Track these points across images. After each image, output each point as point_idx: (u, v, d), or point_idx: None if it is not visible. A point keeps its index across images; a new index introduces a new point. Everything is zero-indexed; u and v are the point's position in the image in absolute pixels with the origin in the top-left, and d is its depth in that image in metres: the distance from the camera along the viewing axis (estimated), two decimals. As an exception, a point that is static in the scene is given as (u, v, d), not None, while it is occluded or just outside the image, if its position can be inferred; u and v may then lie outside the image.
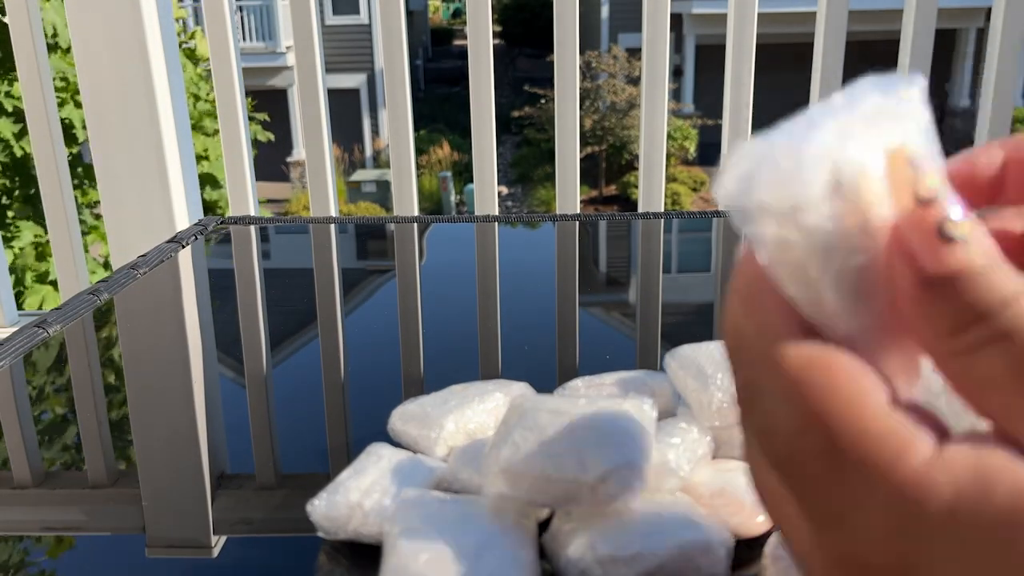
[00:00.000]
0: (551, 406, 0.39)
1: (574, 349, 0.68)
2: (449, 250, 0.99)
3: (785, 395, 0.19)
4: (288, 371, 0.67)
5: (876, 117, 0.18)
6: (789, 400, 0.18)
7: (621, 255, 1.01)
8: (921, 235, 0.18)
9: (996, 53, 1.21)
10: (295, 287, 0.90)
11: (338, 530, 0.41)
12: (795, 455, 0.18)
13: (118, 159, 1.21)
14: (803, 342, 0.19)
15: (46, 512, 0.49)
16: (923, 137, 0.19)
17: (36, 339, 0.67)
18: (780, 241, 0.19)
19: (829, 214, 0.18)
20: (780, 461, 0.19)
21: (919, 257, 0.18)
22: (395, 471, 0.43)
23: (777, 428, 0.19)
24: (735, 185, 0.19)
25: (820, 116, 0.18)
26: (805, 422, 0.18)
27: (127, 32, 1.16)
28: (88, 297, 0.75)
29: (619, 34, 11.09)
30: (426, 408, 0.49)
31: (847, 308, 0.19)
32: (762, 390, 0.19)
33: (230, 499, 0.48)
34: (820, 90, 1.27)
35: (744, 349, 0.20)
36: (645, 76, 1.28)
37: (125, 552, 0.44)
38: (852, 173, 0.18)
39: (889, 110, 0.19)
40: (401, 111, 1.27)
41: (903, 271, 0.19)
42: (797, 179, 0.18)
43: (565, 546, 0.37)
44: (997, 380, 0.17)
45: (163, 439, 0.56)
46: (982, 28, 9.68)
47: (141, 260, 0.85)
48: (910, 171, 0.18)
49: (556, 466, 0.37)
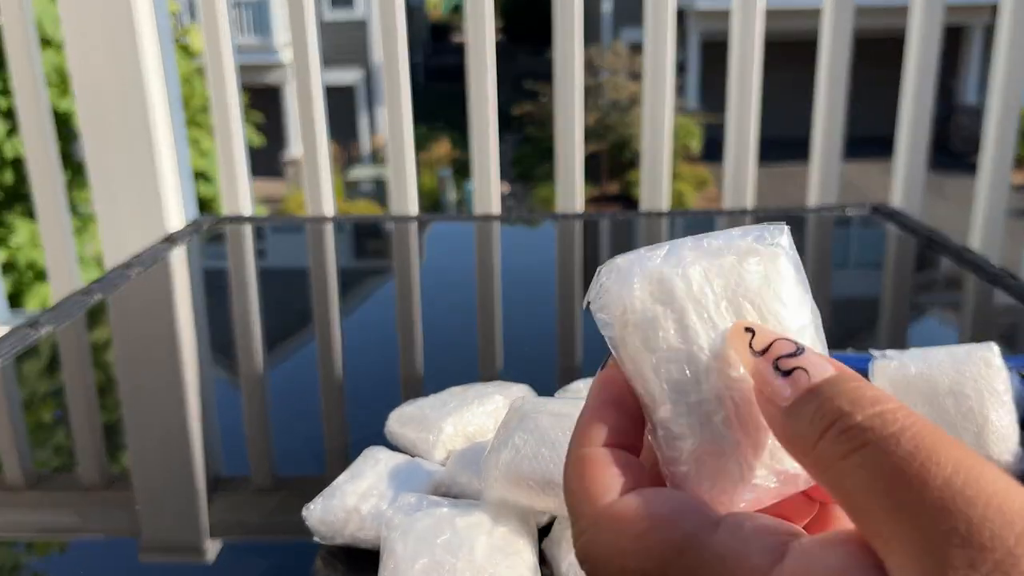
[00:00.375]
0: (552, 408, 0.38)
1: (575, 350, 0.67)
2: (448, 249, 0.99)
3: (611, 554, 0.21)
4: (284, 372, 0.67)
5: (722, 251, 0.23)
6: (615, 557, 0.21)
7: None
8: (762, 379, 0.21)
9: (1003, 50, 1.20)
10: (291, 287, 0.89)
11: (334, 535, 0.40)
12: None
13: (111, 157, 1.20)
14: (620, 499, 0.21)
15: (38, 515, 0.48)
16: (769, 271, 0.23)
17: (28, 340, 0.66)
18: (619, 340, 0.23)
19: (649, 315, 0.22)
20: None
21: (773, 397, 0.21)
22: (393, 475, 0.42)
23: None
24: (594, 297, 0.24)
25: (678, 245, 0.23)
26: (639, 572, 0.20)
27: (120, 28, 1.15)
28: (81, 297, 0.74)
29: (622, 29, 11.08)
30: (424, 410, 0.48)
31: (671, 397, 0.22)
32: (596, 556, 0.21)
33: (225, 503, 0.48)
34: (825, 86, 1.26)
35: (576, 521, 0.22)
36: (648, 73, 1.27)
37: (118, 556, 0.44)
38: (668, 282, 0.23)
39: (747, 250, 0.23)
40: (400, 107, 1.26)
41: (768, 413, 0.21)
42: (627, 288, 0.23)
43: (566, 552, 0.37)
44: (857, 495, 0.18)
45: (157, 441, 0.55)
46: (989, 25, 9.70)
47: (135, 260, 0.84)
48: (742, 336, 0.22)
49: (558, 470, 0.36)
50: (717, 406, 0.22)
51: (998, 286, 0.75)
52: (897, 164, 1.29)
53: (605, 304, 0.23)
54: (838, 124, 1.28)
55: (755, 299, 0.23)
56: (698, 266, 0.23)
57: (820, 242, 0.98)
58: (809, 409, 0.20)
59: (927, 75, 1.24)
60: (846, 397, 0.19)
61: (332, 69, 10.75)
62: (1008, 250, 1.27)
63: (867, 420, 0.18)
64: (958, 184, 7.15)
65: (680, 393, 0.22)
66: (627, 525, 0.21)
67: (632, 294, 0.23)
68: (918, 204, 1.28)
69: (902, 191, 1.28)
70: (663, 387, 0.22)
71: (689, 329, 0.22)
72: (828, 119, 1.28)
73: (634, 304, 0.23)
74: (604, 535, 0.21)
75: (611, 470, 0.22)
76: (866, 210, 1.00)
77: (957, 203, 3.69)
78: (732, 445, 0.22)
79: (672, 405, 0.22)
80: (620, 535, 0.21)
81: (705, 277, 0.23)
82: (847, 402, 0.19)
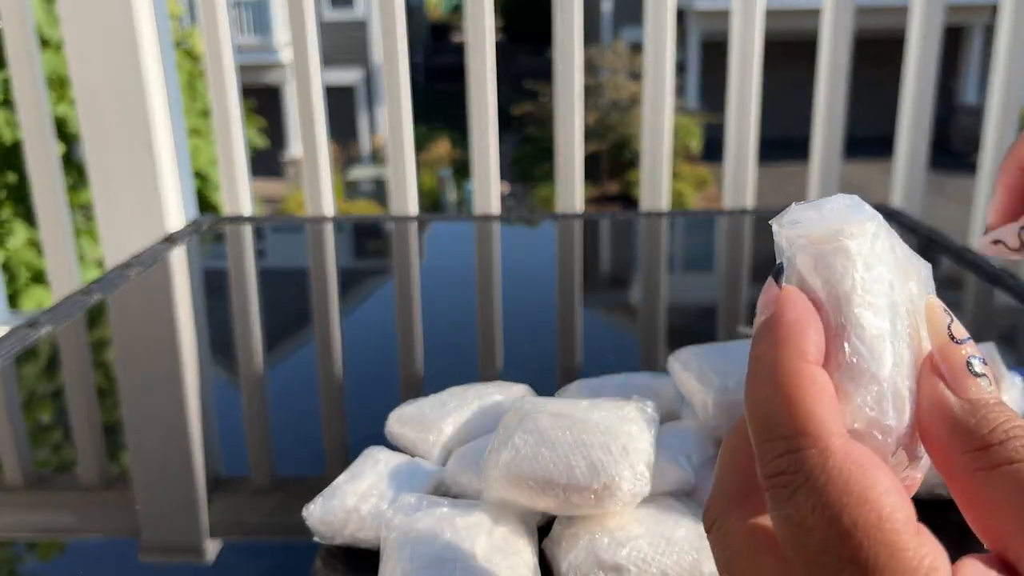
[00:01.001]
0: (552, 409, 0.38)
1: (575, 350, 0.67)
2: (448, 249, 0.99)
3: (827, 500, 0.20)
4: (284, 372, 0.67)
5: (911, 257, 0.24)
6: (830, 506, 0.20)
7: (623, 255, 1.00)
8: (952, 365, 0.22)
9: (1003, 50, 1.20)
10: (291, 287, 0.89)
11: (334, 535, 0.40)
12: (824, 559, 0.20)
13: (111, 157, 1.20)
14: (850, 445, 0.21)
15: (38, 516, 0.48)
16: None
17: (28, 340, 0.66)
18: (819, 262, 0.23)
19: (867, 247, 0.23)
20: (808, 560, 0.20)
21: (948, 382, 0.22)
22: (392, 475, 0.42)
23: (811, 527, 0.20)
24: (789, 220, 0.24)
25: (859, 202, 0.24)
26: (839, 532, 0.19)
27: (120, 29, 1.15)
28: (81, 297, 0.74)
29: (622, 28, 11.07)
30: (424, 410, 0.48)
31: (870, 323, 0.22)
32: (805, 484, 0.20)
33: (225, 503, 0.48)
34: (826, 86, 1.26)
35: (784, 436, 0.21)
36: (648, 72, 1.27)
37: (118, 556, 0.44)
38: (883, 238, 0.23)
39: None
40: (400, 107, 1.26)
41: (935, 394, 0.22)
42: (852, 217, 0.23)
43: (566, 551, 0.37)
44: (1002, 503, 0.20)
45: (157, 442, 0.55)
46: (989, 25, 9.70)
47: (134, 260, 0.84)
48: (944, 316, 0.23)
49: (558, 470, 0.36)
50: (908, 350, 0.22)
51: (998, 286, 0.75)
52: (897, 164, 1.29)
53: (809, 227, 0.23)
54: (838, 124, 1.28)
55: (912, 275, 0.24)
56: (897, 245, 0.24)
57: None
58: (981, 416, 0.21)
59: (927, 75, 1.24)
60: (1015, 423, 0.21)
61: (332, 69, 10.74)
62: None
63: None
64: (959, 184, 7.15)
65: (889, 322, 0.22)
66: (859, 475, 0.20)
67: (862, 221, 0.23)
68: (918, 204, 1.28)
69: (902, 191, 1.28)
70: (871, 310, 0.22)
71: (905, 282, 0.23)
72: (828, 119, 1.28)
73: (852, 229, 0.23)
74: (827, 469, 0.20)
75: (834, 403, 0.21)
76: (866, 210, 1.00)
77: (958, 203, 3.69)
78: (908, 391, 0.22)
79: (875, 332, 0.22)
80: (845, 481, 0.20)
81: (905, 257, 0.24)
82: (1018, 427, 0.21)
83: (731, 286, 0.86)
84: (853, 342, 0.22)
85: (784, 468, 0.20)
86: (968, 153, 8.81)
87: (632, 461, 0.36)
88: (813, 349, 0.22)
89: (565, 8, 1.23)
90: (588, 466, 0.36)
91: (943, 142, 9.44)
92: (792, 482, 0.20)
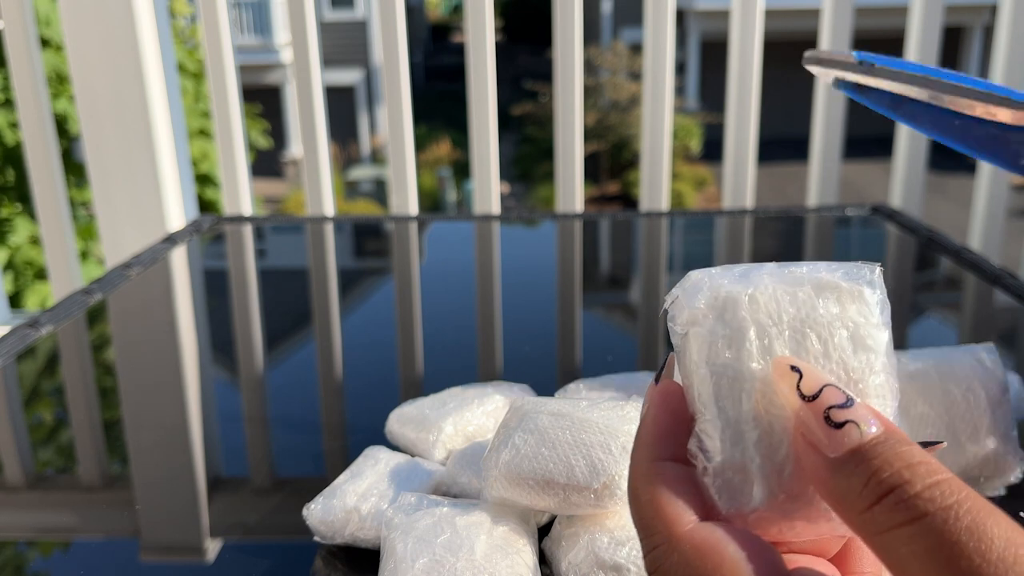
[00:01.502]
0: (552, 408, 0.38)
1: (575, 350, 0.67)
2: (448, 249, 0.99)
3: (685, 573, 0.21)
4: (284, 372, 0.67)
5: (802, 281, 0.23)
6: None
7: (623, 254, 1.00)
8: (811, 426, 0.21)
9: (1003, 50, 1.20)
10: (291, 287, 0.89)
11: (335, 535, 0.40)
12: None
13: (111, 157, 1.20)
14: (695, 529, 0.21)
15: (38, 516, 0.48)
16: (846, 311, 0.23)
17: (28, 340, 0.66)
18: (679, 349, 0.24)
19: (708, 329, 0.23)
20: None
21: (818, 445, 0.21)
22: (393, 474, 0.42)
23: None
24: (668, 307, 0.24)
25: (759, 267, 0.24)
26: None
27: (120, 28, 1.15)
28: (81, 297, 0.74)
29: (622, 29, 11.07)
30: (424, 410, 0.48)
31: (710, 409, 0.22)
32: (667, 562, 0.21)
33: (225, 503, 0.48)
34: (823, 87, 1.27)
35: (646, 535, 0.22)
36: (648, 73, 1.27)
37: (118, 556, 0.44)
38: (733, 300, 0.23)
39: (828, 284, 0.23)
40: (400, 107, 1.26)
41: (810, 459, 0.21)
42: (694, 300, 0.23)
43: (566, 551, 0.37)
44: (909, 565, 0.18)
45: (157, 441, 0.55)
46: (989, 25, 9.70)
47: (135, 259, 0.84)
48: (790, 376, 0.22)
49: (558, 470, 0.36)
50: (752, 427, 0.22)
51: (998, 286, 0.75)
52: (896, 164, 1.29)
53: (674, 314, 0.24)
54: (838, 124, 1.28)
55: (823, 334, 0.23)
56: (770, 290, 0.23)
57: (820, 242, 0.98)
58: (862, 470, 0.20)
59: (927, 75, 1.24)
60: (902, 462, 0.19)
61: (332, 69, 10.74)
62: (1008, 250, 1.27)
63: (926, 491, 0.19)
64: (958, 184, 7.16)
65: (720, 407, 0.22)
66: (704, 558, 0.21)
67: (696, 306, 0.23)
68: (918, 204, 1.28)
69: (901, 191, 1.28)
70: (706, 398, 0.23)
71: (743, 349, 0.22)
72: (828, 119, 1.28)
73: (696, 316, 0.23)
74: (679, 559, 0.21)
75: (687, 491, 0.22)
76: (866, 210, 1.00)
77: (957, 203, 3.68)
78: (757, 468, 0.22)
79: (710, 417, 0.22)
80: (693, 567, 0.21)
81: (774, 301, 0.23)
82: (904, 468, 0.19)
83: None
84: (694, 436, 0.23)
85: (651, 567, 0.22)
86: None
87: (632, 461, 0.36)
88: (669, 446, 0.23)
89: (565, 8, 1.23)
90: (588, 465, 0.36)
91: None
92: (655, 571, 0.22)
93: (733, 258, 0.94)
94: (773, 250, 0.96)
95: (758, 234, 0.98)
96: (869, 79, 0.37)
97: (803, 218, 1.02)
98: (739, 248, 0.97)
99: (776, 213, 1.03)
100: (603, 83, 9.42)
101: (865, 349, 0.22)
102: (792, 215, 1.03)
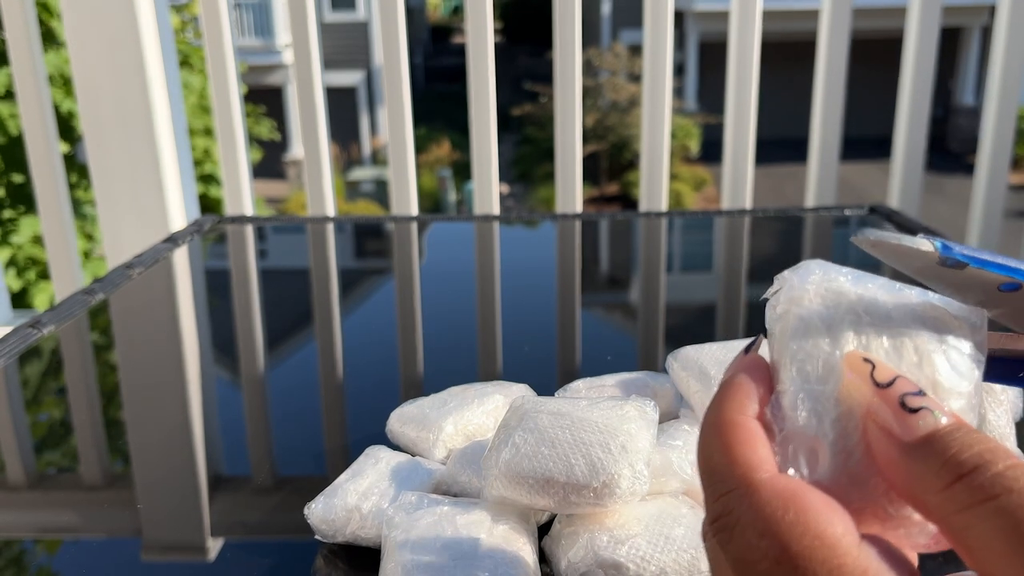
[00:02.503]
0: (552, 408, 0.39)
1: (575, 350, 0.68)
2: (449, 250, 0.99)
3: (762, 530, 0.20)
4: (285, 372, 0.67)
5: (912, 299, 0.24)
6: (766, 535, 0.20)
7: (622, 255, 1.00)
8: (887, 412, 0.21)
9: (1001, 51, 1.21)
10: (292, 287, 0.89)
11: (336, 533, 0.40)
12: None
13: (114, 157, 1.20)
14: (777, 477, 0.21)
15: (40, 515, 0.48)
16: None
17: (30, 340, 0.67)
18: (775, 326, 0.24)
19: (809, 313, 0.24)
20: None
21: (892, 431, 0.21)
22: (393, 473, 0.43)
23: (756, 561, 0.20)
24: (775, 287, 0.25)
25: (875, 277, 0.25)
26: (777, 559, 0.20)
27: (122, 28, 1.15)
28: (83, 297, 0.74)
29: (621, 30, 11.07)
30: (425, 410, 0.48)
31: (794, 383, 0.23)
32: (739, 522, 0.21)
33: (226, 502, 0.48)
34: (823, 88, 1.27)
35: (719, 480, 0.22)
36: (647, 74, 1.28)
37: (120, 555, 0.44)
38: (843, 294, 0.24)
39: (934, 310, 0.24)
40: (401, 108, 1.27)
41: (881, 445, 0.21)
42: (803, 283, 0.25)
43: (566, 549, 0.37)
44: (991, 542, 0.18)
45: (159, 441, 0.55)
46: (987, 26, 9.70)
47: (136, 259, 0.84)
48: (863, 366, 0.23)
49: (558, 469, 0.36)
50: (834, 406, 0.23)
51: (996, 286, 0.75)
52: (895, 165, 1.29)
53: (779, 292, 0.25)
54: (836, 125, 1.29)
55: (921, 349, 0.23)
56: (881, 295, 0.24)
57: (819, 242, 0.98)
58: (939, 451, 0.20)
59: (925, 76, 1.24)
60: (982, 445, 0.20)
61: (333, 71, 10.74)
62: (1006, 250, 1.28)
63: (1009, 470, 0.19)
64: (956, 184, 7.15)
65: (806, 383, 0.23)
66: (787, 503, 0.20)
67: (805, 288, 0.24)
68: (916, 204, 1.28)
69: (900, 191, 1.29)
70: (795, 373, 0.23)
71: (839, 339, 0.23)
72: (826, 120, 1.28)
73: (802, 298, 0.24)
74: (755, 502, 0.21)
75: (765, 446, 0.23)
76: (864, 210, 1.00)
77: (955, 203, 3.67)
78: (831, 444, 0.22)
79: (795, 389, 0.23)
80: (772, 510, 0.20)
81: (882, 305, 0.24)
82: (985, 451, 0.20)
83: (729, 286, 0.86)
84: (773, 403, 0.24)
85: (720, 511, 0.22)
86: (965, 154, 8.81)
87: (631, 460, 0.36)
88: (753, 405, 0.24)
89: (565, 10, 1.23)
90: (587, 464, 0.36)
91: (940, 143, 9.44)
92: (728, 524, 0.21)
93: (733, 258, 0.95)
94: (772, 250, 0.96)
95: (757, 234, 0.98)
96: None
97: (802, 218, 1.02)
98: (738, 248, 0.97)
99: (775, 213, 1.03)
100: (602, 84, 9.41)
101: (958, 375, 0.23)
102: (791, 215, 1.03)
